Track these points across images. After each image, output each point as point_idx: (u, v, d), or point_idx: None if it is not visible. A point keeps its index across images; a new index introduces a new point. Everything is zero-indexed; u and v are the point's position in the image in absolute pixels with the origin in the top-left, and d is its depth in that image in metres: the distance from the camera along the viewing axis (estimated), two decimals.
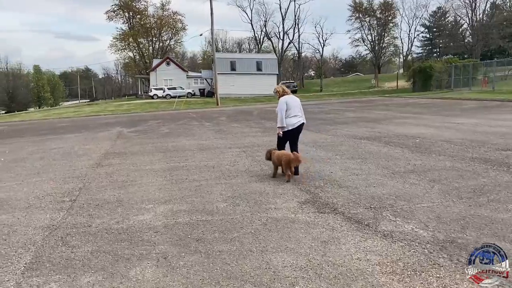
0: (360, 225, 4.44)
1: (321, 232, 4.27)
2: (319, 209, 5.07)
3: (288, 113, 7.06)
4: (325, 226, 4.46)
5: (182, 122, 19.11)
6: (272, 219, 4.75)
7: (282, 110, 7.03)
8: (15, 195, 6.48)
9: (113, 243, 4.23)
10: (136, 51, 72.05)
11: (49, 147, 12.32)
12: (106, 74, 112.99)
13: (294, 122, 7.10)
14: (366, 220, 4.57)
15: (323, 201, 5.43)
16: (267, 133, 13.07)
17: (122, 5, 68.12)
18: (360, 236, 4.13)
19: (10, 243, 4.34)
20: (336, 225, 4.47)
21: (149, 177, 7.31)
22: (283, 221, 4.67)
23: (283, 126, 7.07)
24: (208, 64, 72.90)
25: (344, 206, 5.15)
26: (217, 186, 6.44)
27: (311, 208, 5.14)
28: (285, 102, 7.09)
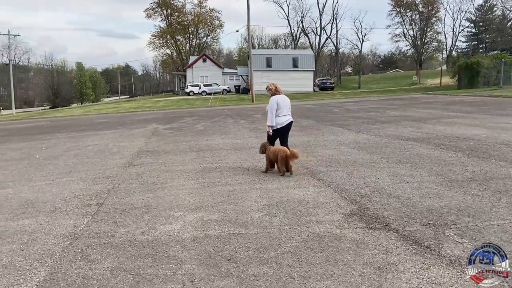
0: (419, 247, 3.76)
1: (373, 255, 3.63)
2: (368, 224, 4.42)
3: (278, 112, 7.34)
4: (377, 246, 3.82)
5: (217, 119, 18.77)
6: (314, 235, 4.16)
7: (273, 109, 7.31)
8: (43, 196, 6.23)
9: (136, 259, 3.78)
10: (174, 48, 72.95)
11: (85, 144, 12.25)
12: (145, 71, 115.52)
13: (283, 121, 7.40)
14: (426, 241, 3.89)
15: (371, 213, 4.77)
16: (304, 132, 12.43)
17: (160, 3, 69.02)
18: (421, 262, 3.47)
19: (26, 254, 3.99)
20: (391, 246, 3.82)
21: (180, 180, 6.88)
22: (327, 238, 4.06)
23: (273, 125, 7.34)
24: (243, 60, 72.71)
25: (397, 221, 4.48)
26: (251, 192, 5.91)
27: (359, 222, 4.50)
28: (276, 101, 7.37)
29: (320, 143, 10.16)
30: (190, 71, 55.72)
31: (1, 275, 3.53)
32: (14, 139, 15.53)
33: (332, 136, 11.24)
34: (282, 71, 47.72)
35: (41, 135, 16.21)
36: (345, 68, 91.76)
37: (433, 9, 64.31)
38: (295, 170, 7.04)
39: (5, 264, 3.77)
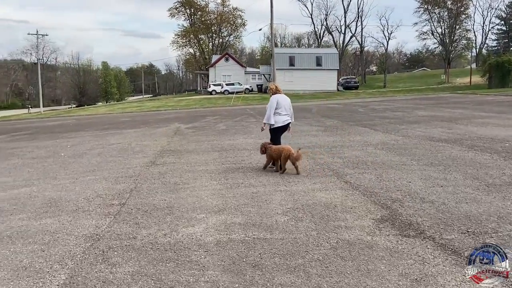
0: (459, 258, 3.49)
1: (409, 265, 3.38)
2: (401, 231, 4.15)
3: (278, 111, 7.51)
4: (412, 256, 3.56)
5: (239, 118, 18.64)
6: (343, 242, 3.93)
7: (272, 108, 7.48)
8: (66, 195, 6.20)
9: (158, 263, 3.64)
10: (196, 47, 73.34)
11: (108, 143, 12.32)
12: (168, 70, 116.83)
13: (283, 120, 7.60)
14: (466, 250, 3.60)
15: (404, 219, 4.50)
16: (328, 132, 12.14)
17: (184, 2, 69.50)
18: (462, 274, 3.20)
19: (47, 255, 3.90)
20: (427, 256, 3.55)
21: (203, 180, 6.75)
22: (358, 246, 3.82)
23: (270, 123, 7.55)
24: (266, 59, 72.48)
25: (432, 228, 4.19)
26: (276, 194, 5.71)
27: (391, 229, 4.24)
28: (277, 100, 7.52)
29: (345, 143, 9.87)
30: (212, 70, 55.89)
31: (21, 277, 3.45)
32: (41, 137, 15.81)
33: (358, 137, 10.92)
34: (305, 70, 47.27)
35: (66, 133, 16.46)
36: (369, 66, 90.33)
37: (462, 6, 62.44)
38: (317, 170, 6.79)
39: (25, 265, 3.69)
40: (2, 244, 4.22)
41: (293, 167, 6.93)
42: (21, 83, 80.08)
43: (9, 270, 3.60)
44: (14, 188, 6.84)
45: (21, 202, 5.89)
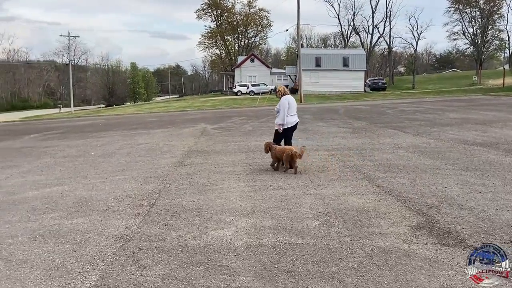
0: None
1: (450, 277, 3.20)
2: (439, 239, 3.96)
3: (288, 112, 7.71)
4: (453, 266, 3.38)
5: (265, 119, 18.54)
6: (379, 250, 3.77)
7: (285, 108, 7.67)
8: (97, 194, 6.27)
9: (188, 266, 3.59)
10: (223, 48, 73.75)
11: (137, 142, 12.46)
12: (195, 71, 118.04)
13: (293, 121, 7.83)
14: (511, 262, 3.39)
15: (442, 227, 4.30)
16: (357, 134, 11.89)
17: (211, 4, 70.05)
18: (509, 287, 3.00)
19: (79, 255, 3.92)
20: None
21: (231, 181, 6.69)
22: (395, 254, 3.66)
23: (284, 123, 7.72)
24: (292, 60, 72.17)
25: (473, 236, 3.98)
26: (306, 197, 5.58)
27: (428, 236, 4.05)
28: (288, 101, 7.73)
29: (375, 146, 9.63)
30: (238, 71, 56.04)
31: (53, 277, 3.47)
32: (71, 136, 16.18)
33: (388, 139, 10.64)
34: (332, 71, 46.74)
35: (96, 133, 16.78)
36: (397, 67, 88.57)
37: (495, 5, 60.34)
38: (347, 173, 6.63)
39: (57, 265, 3.71)
40: (35, 243, 4.27)
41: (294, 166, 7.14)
42: (53, 83, 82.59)
43: (41, 269, 3.63)
44: (47, 186, 6.97)
45: (53, 200, 5.99)
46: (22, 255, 3.96)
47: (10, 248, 4.16)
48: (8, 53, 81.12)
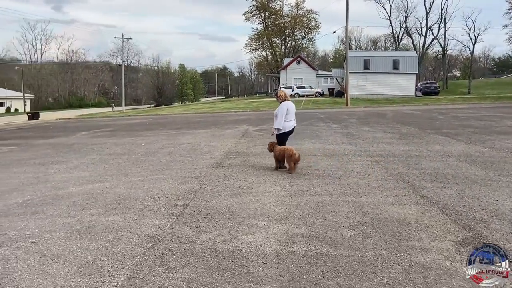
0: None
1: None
2: None
3: (287, 117, 8.04)
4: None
5: (308, 122, 18.26)
6: (417, 266, 3.51)
7: (283, 114, 7.99)
8: (135, 193, 6.38)
9: (214, 271, 3.52)
10: (269, 50, 73.88)
11: (179, 142, 12.66)
12: (241, 72, 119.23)
13: (290, 125, 8.19)
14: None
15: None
16: (404, 140, 11.37)
17: (259, 6, 70.44)
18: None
19: (110, 254, 3.96)
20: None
21: (267, 185, 6.57)
22: (435, 272, 3.39)
23: (279, 128, 8.07)
24: (339, 63, 70.96)
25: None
26: (343, 205, 5.35)
27: None
28: (287, 107, 8.04)
29: (423, 153, 9.14)
30: (284, 73, 55.88)
31: (83, 275, 3.52)
32: (119, 134, 16.77)
33: (437, 146, 10.08)
34: (381, 74, 45.35)
35: (142, 132, 17.29)
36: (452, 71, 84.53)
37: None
38: (390, 181, 6.29)
39: (88, 262, 3.77)
40: (71, 239, 4.38)
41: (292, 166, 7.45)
42: (107, 83, 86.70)
43: (73, 266, 3.70)
44: (89, 183, 7.20)
45: (93, 197, 6.16)
46: (57, 250, 4.07)
47: (47, 243, 4.29)
48: (67, 54, 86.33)
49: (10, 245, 4.26)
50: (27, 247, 4.20)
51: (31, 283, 3.40)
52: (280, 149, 7.68)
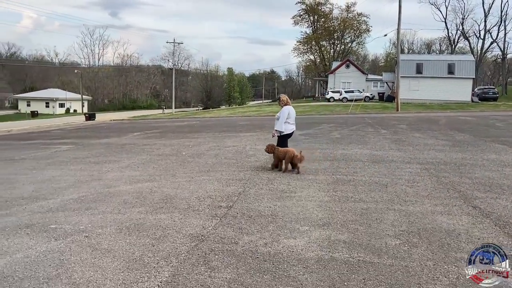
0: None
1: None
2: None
3: (288, 120, 8.70)
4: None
5: (356, 127, 17.92)
6: (465, 279, 3.35)
7: (285, 117, 8.63)
8: (181, 193, 6.58)
9: (255, 273, 3.56)
10: (317, 54, 73.27)
11: (225, 145, 12.88)
12: (288, 76, 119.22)
13: (290, 128, 8.87)
14: None
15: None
16: (457, 148, 10.86)
17: (308, 10, 70.11)
18: None
19: (156, 251, 4.12)
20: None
21: (310, 190, 6.54)
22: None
23: (281, 130, 8.67)
24: (390, 66, 68.98)
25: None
26: (388, 213, 5.22)
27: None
28: (288, 111, 8.70)
29: (477, 162, 8.69)
30: (332, 76, 55.19)
31: (130, 269, 3.69)
32: (168, 135, 17.33)
33: (493, 155, 9.54)
34: (434, 78, 43.56)
35: (190, 134, 17.75)
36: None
37: None
38: (440, 190, 6.03)
39: (136, 258, 3.95)
40: (120, 235, 4.60)
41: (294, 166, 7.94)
42: (159, 86, 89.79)
43: (121, 260, 3.89)
44: (139, 182, 7.51)
45: (142, 196, 6.42)
46: (108, 245, 4.29)
47: (99, 238, 4.53)
48: (122, 58, 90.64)
49: (65, 238, 4.54)
50: (80, 240, 4.46)
51: (83, 275, 3.61)
52: (283, 150, 8.15)
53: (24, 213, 5.63)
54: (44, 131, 23.91)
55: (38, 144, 15.75)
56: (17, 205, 6.03)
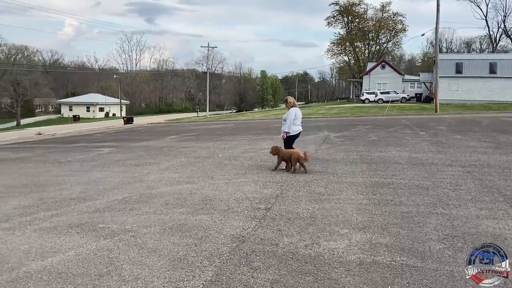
0: None
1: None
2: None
3: (294, 122, 8.97)
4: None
5: (393, 129, 17.57)
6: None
7: (292, 119, 8.90)
8: (220, 194, 6.71)
9: (297, 274, 3.60)
10: (352, 55, 72.36)
11: (260, 147, 12.97)
12: (322, 78, 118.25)
13: (297, 129, 9.11)
14: None
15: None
16: (501, 150, 10.45)
17: (342, 11, 69.38)
18: None
19: (199, 250, 4.24)
20: None
21: (349, 192, 6.50)
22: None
23: (289, 131, 8.94)
24: (427, 66, 67.07)
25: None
26: (431, 217, 5.12)
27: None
28: (295, 113, 8.98)
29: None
30: (366, 78, 54.31)
31: (175, 268, 3.82)
32: (204, 138, 17.64)
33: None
34: (475, 78, 41.97)
35: (225, 136, 17.98)
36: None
37: None
38: (484, 193, 5.84)
39: (180, 257, 4.08)
40: (164, 235, 4.77)
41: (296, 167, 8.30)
42: (193, 89, 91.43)
43: (167, 259, 4.03)
44: (179, 184, 7.72)
45: (183, 197, 6.60)
46: (153, 244, 4.46)
47: (144, 237, 4.71)
48: (158, 62, 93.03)
49: (113, 237, 4.75)
50: (127, 240, 4.66)
51: (131, 272, 3.78)
52: (288, 151, 8.52)
53: (73, 213, 5.92)
54: (86, 135, 24.91)
55: (81, 147, 16.45)
56: (67, 206, 6.36)
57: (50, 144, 18.69)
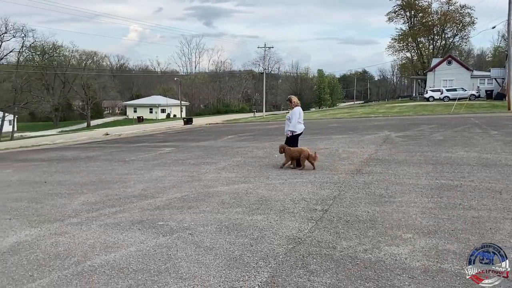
0: None
1: None
2: None
3: (298, 120, 9.21)
4: None
5: (461, 128, 16.49)
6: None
7: (296, 118, 9.17)
8: (275, 195, 6.65)
9: (356, 280, 3.44)
10: (414, 51, 69.17)
11: (317, 147, 12.72)
12: (382, 75, 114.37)
13: (301, 128, 9.38)
14: None
15: None
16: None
17: (404, 5, 66.53)
18: None
19: (255, 251, 4.21)
20: None
21: (412, 195, 6.15)
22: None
23: (295, 130, 9.20)
24: (499, 61, 62.40)
25: None
26: (505, 223, 4.69)
27: None
28: (299, 112, 9.26)
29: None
30: (431, 74, 51.63)
31: (231, 268, 3.81)
32: (260, 138, 17.71)
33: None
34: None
35: (282, 136, 17.83)
36: None
37: None
38: None
39: (236, 257, 4.07)
40: (220, 234, 4.79)
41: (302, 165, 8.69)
42: (250, 90, 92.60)
43: (223, 258, 4.04)
44: (235, 183, 7.77)
45: (239, 196, 6.63)
46: (209, 243, 4.50)
47: (201, 235, 4.77)
48: (216, 64, 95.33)
49: (171, 235, 4.86)
50: (185, 237, 4.74)
51: (188, 270, 3.83)
52: (297, 150, 8.85)
53: (135, 210, 6.16)
54: (148, 135, 26.05)
55: (144, 146, 17.20)
56: (129, 203, 6.63)
57: (116, 144, 19.75)
